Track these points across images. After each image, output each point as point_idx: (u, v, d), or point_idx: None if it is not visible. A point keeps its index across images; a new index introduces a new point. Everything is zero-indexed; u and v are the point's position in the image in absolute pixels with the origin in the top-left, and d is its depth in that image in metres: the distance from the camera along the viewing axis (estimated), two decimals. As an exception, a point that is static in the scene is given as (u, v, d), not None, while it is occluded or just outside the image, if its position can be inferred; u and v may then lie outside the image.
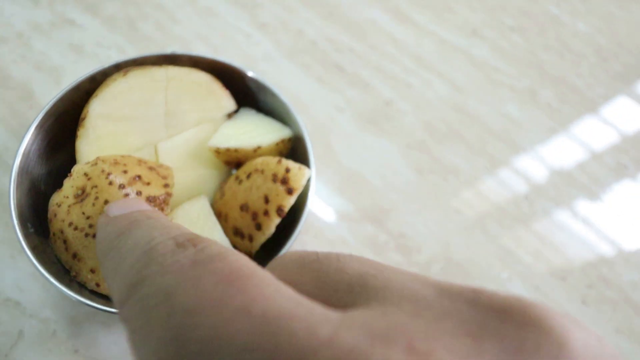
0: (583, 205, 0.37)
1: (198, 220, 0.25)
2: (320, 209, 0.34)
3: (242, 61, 0.38)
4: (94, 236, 0.21)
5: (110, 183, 0.22)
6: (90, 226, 0.22)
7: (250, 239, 0.24)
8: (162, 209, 0.22)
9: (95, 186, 0.22)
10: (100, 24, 0.37)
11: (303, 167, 0.24)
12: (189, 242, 0.13)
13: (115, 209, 0.17)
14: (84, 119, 0.24)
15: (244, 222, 0.24)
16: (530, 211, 0.36)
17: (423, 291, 0.11)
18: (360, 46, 0.41)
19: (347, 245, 0.32)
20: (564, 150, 0.39)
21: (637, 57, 0.48)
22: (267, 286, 0.11)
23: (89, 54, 0.35)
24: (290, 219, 0.25)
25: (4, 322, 0.26)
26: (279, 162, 0.24)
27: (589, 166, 0.39)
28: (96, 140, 0.25)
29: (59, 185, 0.23)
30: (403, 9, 0.45)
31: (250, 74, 0.29)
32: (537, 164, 0.38)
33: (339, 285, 0.12)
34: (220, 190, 0.27)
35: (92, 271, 0.22)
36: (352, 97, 0.39)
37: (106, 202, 0.22)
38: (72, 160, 0.25)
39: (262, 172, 0.24)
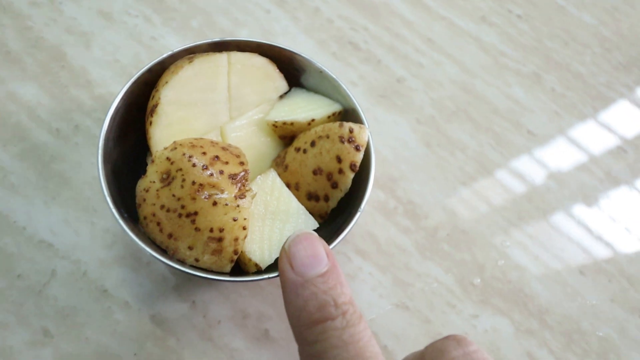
0: (585, 184, 0.39)
1: (273, 192, 0.26)
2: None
3: (262, 35, 0.40)
4: (187, 215, 0.23)
5: (194, 165, 0.23)
6: (183, 207, 0.23)
7: (326, 199, 0.27)
8: (243, 185, 0.24)
9: (180, 169, 0.23)
10: (128, -6, 0.38)
11: (363, 126, 0.26)
12: None
13: (299, 260, 0.17)
14: (156, 105, 0.26)
15: (319, 185, 0.27)
16: (532, 186, 0.38)
17: None
18: (374, 26, 0.43)
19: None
20: (567, 132, 0.41)
21: (639, 49, 0.49)
22: None
23: (116, 21, 0.36)
24: (358, 176, 0.27)
25: (39, 262, 0.27)
26: (341, 125, 0.26)
27: (590, 148, 0.41)
28: (168, 126, 0.26)
29: (130, 170, 0.25)
30: (415, -6, 0.46)
31: (298, 54, 0.30)
32: (541, 144, 0.40)
33: None
34: (281, 165, 0.28)
35: (190, 248, 0.23)
36: (365, 73, 0.40)
37: (193, 182, 0.23)
38: (135, 147, 0.27)
39: (328, 137, 0.26)
